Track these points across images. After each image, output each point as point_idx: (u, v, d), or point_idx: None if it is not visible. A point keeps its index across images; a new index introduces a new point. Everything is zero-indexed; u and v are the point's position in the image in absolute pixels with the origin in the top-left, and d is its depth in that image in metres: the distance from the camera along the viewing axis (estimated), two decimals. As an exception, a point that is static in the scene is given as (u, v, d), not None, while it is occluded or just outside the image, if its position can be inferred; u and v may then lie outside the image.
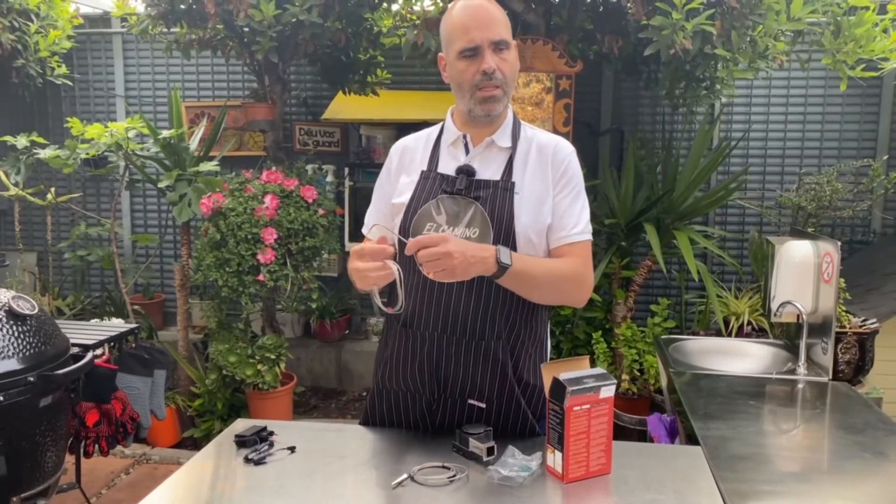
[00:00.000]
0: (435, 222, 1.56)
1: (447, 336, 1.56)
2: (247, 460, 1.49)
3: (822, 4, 3.14)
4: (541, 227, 1.56)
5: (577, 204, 1.59)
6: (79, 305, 4.61)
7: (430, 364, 1.59)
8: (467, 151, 1.61)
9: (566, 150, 1.63)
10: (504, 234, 1.53)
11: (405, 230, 1.59)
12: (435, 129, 1.70)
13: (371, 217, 1.74)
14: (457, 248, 1.38)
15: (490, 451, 1.47)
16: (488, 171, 1.59)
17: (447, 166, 1.62)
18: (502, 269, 1.43)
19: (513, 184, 1.56)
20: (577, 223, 1.58)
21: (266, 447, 1.54)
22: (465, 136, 1.62)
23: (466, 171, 1.57)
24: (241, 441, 1.56)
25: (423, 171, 1.63)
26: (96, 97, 5.02)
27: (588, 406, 1.39)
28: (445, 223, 1.55)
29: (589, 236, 1.61)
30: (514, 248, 1.53)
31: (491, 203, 1.54)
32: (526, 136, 1.63)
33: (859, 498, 1.49)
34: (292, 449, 1.55)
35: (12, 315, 2.05)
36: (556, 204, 1.58)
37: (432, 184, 1.60)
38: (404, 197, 1.62)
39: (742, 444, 1.70)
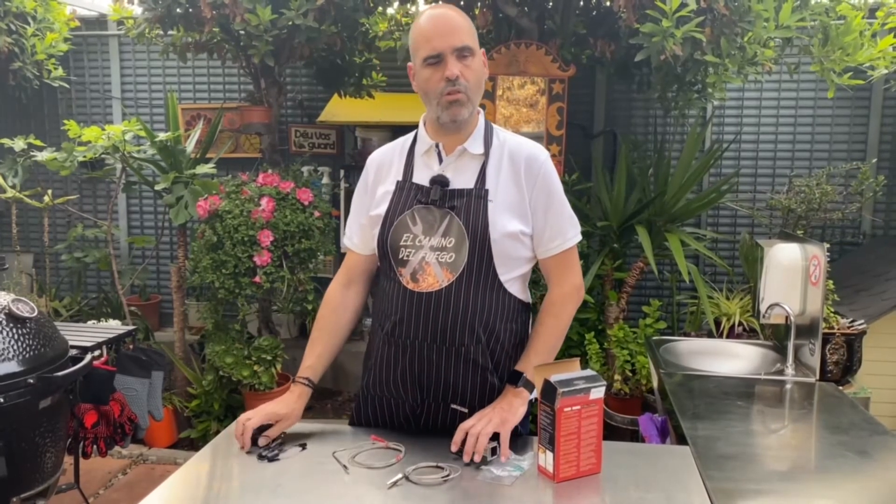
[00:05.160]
0: (411, 233, 1.59)
1: (427, 344, 1.59)
2: (260, 457, 1.54)
3: (811, 13, 3.19)
4: (515, 234, 1.58)
5: (553, 214, 1.62)
6: (75, 307, 4.63)
7: (411, 371, 1.62)
8: (440, 160, 1.63)
9: (539, 158, 1.63)
10: (479, 241, 1.55)
11: (383, 241, 1.62)
12: (408, 139, 1.72)
13: (352, 229, 1.76)
14: (491, 414, 1.55)
15: (493, 451, 1.50)
16: (462, 179, 1.61)
17: (421, 176, 1.64)
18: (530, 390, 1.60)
19: (486, 191, 1.58)
20: (556, 235, 1.62)
21: (278, 443, 1.61)
22: (437, 145, 1.64)
23: (440, 182, 1.60)
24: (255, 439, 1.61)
25: (398, 182, 1.65)
26: (93, 100, 5.04)
27: (579, 407, 1.42)
28: (422, 233, 1.58)
29: (573, 241, 1.65)
30: (489, 254, 1.56)
31: (465, 212, 1.56)
32: (498, 141, 1.65)
33: (842, 497, 1.53)
34: (303, 445, 1.60)
35: (12, 318, 2.07)
36: (534, 219, 1.61)
37: (407, 194, 1.62)
38: (381, 208, 1.65)
39: (729, 443, 1.74)
